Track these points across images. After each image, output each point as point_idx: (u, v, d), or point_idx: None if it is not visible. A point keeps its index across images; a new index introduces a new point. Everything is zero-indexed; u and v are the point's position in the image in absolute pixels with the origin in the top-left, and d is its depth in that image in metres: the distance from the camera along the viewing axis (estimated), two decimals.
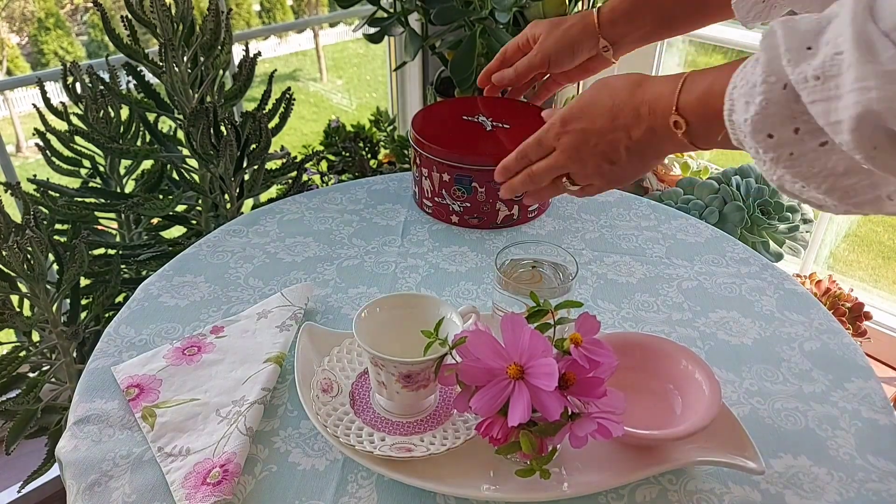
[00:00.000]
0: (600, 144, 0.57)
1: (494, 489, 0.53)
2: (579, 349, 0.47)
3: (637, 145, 0.56)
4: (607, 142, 0.57)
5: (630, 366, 0.59)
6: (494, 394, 0.47)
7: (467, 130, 0.92)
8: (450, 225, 0.93)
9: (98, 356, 0.70)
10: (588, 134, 0.58)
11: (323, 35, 4.94)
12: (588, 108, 0.58)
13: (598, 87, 0.59)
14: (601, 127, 0.57)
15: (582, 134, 0.58)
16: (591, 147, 0.58)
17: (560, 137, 0.60)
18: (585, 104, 0.58)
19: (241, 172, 1.23)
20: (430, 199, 0.93)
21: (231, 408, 0.62)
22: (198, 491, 0.54)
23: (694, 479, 0.57)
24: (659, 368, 0.60)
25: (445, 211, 0.92)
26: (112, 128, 1.16)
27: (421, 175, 0.92)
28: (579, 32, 0.77)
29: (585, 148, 0.58)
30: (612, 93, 0.57)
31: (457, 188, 0.89)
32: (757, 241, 1.40)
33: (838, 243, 1.92)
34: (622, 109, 0.55)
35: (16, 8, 3.92)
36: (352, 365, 0.63)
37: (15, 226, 1.02)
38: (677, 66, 1.98)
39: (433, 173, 0.90)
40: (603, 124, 0.57)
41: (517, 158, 0.65)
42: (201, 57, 1.16)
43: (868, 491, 0.57)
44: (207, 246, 0.88)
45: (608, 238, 0.92)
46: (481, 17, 1.49)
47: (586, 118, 0.58)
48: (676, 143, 0.53)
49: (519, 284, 0.63)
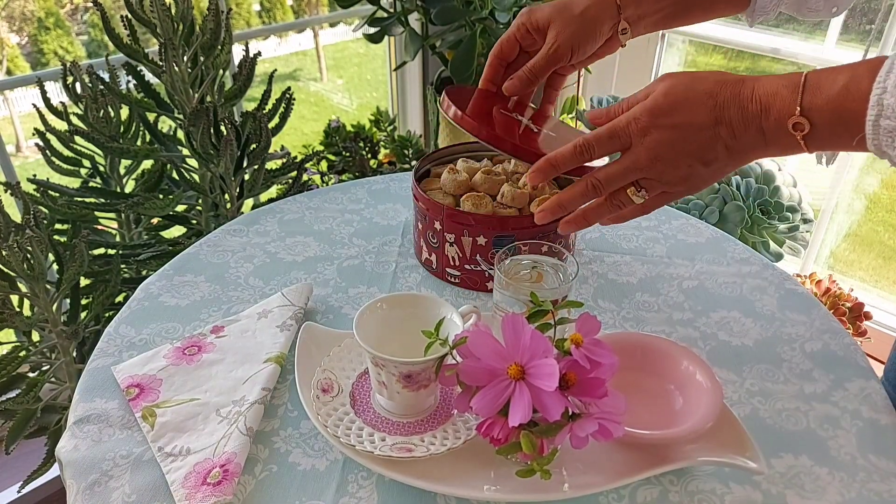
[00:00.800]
0: (697, 142, 0.51)
1: (495, 489, 0.53)
2: (580, 350, 0.47)
3: (740, 145, 0.51)
4: (706, 139, 0.51)
5: (631, 366, 0.59)
6: (495, 394, 0.47)
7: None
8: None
9: (98, 356, 0.70)
10: (685, 130, 0.51)
11: (323, 35, 4.94)
12: (683, 102, 0.51)
13: (684, 81, 0.52)
14: (702, 122, 0.51)
15: (678, 130, 0.51)
16: (685, 145, 0.52)
17: (647, 133, 0.52)
18: (679, 98, 0.51)
19: (241, 172, 1.23)
20: (458, 268, 0.80)
21: (231, 408, 0.62)
22: (198, 491, 0.54)
23: (695, 480, 0.57)
24: (660, 369, 0.60)
25: (480, 279, 0.79)
26: (112, 127, 1.16)
27: (442, 241, 0.78)
28: (599, 13, 0.69)
29: (680, 146, 0.52)
30: (711, 87, 0.51)
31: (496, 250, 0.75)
32: (757, 240, 1.40)
33: (838, 243, 1.92)
34: (727, 106, 0.50)
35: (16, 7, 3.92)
36: (352, 365, 0.63)
37: (15, 225, 1.02)
38: (677, 66, 1.98)
39: (462, 238, 0.77)
40: (704, 120, 0.51)
41: (574, 154, 0.56)
42: (201, 57, 1.16)
43: (869, 491, 0.57)
44: (207, 246, 0.88)
45: (608, 238, 0.91)
46: (481, 16, 1.49)
47: (683, 112, 0.51)
48: (787, 146, 0.49)
49: (519, 284, 0.63)
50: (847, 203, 1.84)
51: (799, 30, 1.74)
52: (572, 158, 0.57)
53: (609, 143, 0.55)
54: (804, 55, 1.68)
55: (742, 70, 1.94)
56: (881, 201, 1.88)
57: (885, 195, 1.86)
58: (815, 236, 1.80)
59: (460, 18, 1.50)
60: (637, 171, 0.54)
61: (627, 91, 1.94)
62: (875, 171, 1.79)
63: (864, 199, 1.85)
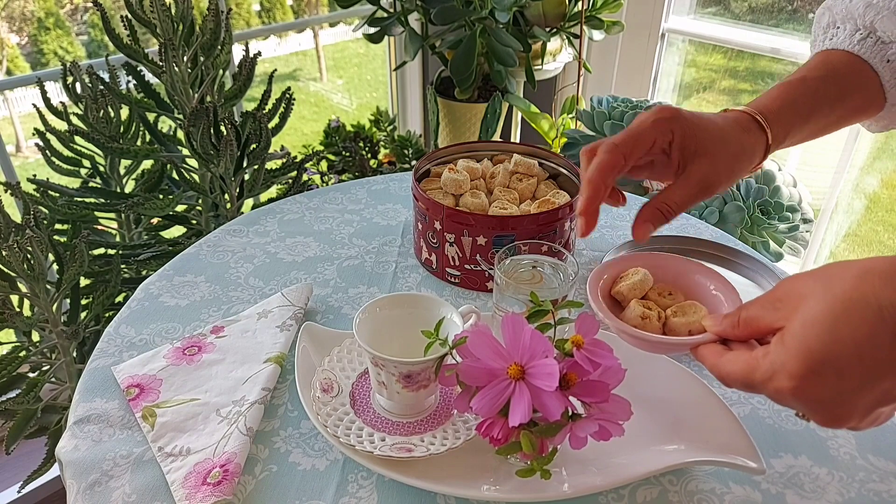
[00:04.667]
0: (867, 398, 0.39)
1: (495, 489, 0.53)
2: (581, 351, 0.47)
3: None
4: (881, 392, 0.39)
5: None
6: (495, 394, 0.47)
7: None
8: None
9: (98, 356, 0.70)
10: (845, 394, 0.39)
11: (323, 35, 4.94)
12: (835, 346, 0.38)
13: (825, 329, 0.39)
14: (862, 382, 0.38)
15: (837, 397, 0.39)
16: (850, 406, 0.39)
17: (796, 399, 0.40)
18: (828, 342, 0.38)
19: (241, 172, 1.23)
20: (458, 268, 0.80)
21: (231, 408, 0.62)
22: (198, 491, 0.54)
23: (694, 480, 0.57)
24: (676, 286, 0.58)
25: (480, 279, 0.80)
26: (112, 128, 1.16)
27: (442, 241, 0.79)
28: (753, 157, 0.58)
29: (841, 405, 0.40)
30: (871, 317, 0.38)
31: (495, 250, 0.75)
32: (757, 240, 1.40)
33: (838, 243, 1.92)
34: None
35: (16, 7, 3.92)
36: (352, 365, 0.63)
37: (15, 226, 1.02)
38: (677, 66, 1.98)
39: (462, 237, 0.77)
40: (868, 375, 0.38)
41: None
42: (201, 57, 1.16)
43: (869, 491, 0.57)
44: (208, 246, 0.88)
45: (608, 238, 0.91)
46: (481, 16, 1.49)
47: (834, 370, 0.38)
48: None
49: (519, 284, 0.63)
50: (847, 203, 1.84)
51: (799, 30, 1.74)
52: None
53: (747, 389, 0.44)
54: (804, 55, 1.68)
55: (742, 70, 1.94)
56: (881, 201, 1.88)
57: (885, 195, 1.86)
58: (814, 236, 1.80)
59: (460, 18, 1.50)
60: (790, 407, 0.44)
61: (627, 91, 1.94)
62: (875, 171, 1.79)
63: (864, 199, 1.85)
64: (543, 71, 1.71)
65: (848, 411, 0.39)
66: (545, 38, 1.58)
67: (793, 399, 0.40)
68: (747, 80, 1.95)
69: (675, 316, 0.54)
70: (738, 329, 0.46)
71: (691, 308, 0.54)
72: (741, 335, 0.46)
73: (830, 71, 0.60)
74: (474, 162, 0.87)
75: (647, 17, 1.83)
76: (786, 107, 0.58)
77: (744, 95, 2.00)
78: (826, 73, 0.60)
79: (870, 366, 0.38)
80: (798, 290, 0.42)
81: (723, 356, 0.45)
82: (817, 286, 0.41)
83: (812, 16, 1.75)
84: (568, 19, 1.62)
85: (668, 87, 2.01)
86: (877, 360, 0.37)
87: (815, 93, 0.59)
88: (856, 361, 0.38)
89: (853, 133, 1.62)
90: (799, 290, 0.42)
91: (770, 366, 0.41)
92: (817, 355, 0.39)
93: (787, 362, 0.40)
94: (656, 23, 1.83)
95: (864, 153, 1.75)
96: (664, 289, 0.58)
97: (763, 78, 1.91)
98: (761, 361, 0.42)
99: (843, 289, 0.39)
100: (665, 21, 1.84)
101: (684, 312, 0.54)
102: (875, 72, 0.59)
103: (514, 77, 1.66)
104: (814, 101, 0.59)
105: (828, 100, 0.59)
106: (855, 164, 1.75)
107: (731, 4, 1.87)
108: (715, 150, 0.56)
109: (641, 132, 0.55)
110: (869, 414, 0.40)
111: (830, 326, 0.38)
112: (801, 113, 0.59)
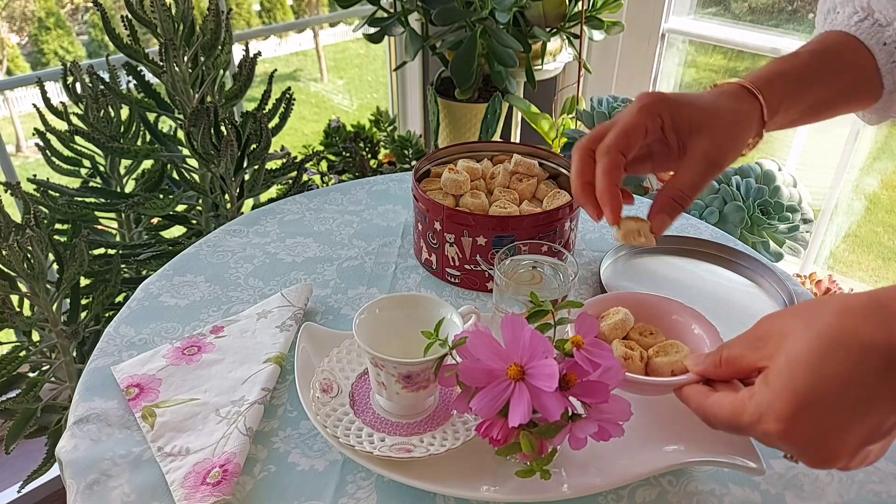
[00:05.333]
0: (855, 436, 0.38)
1: (494, 490, 0.53)
2: (581, 352, 0.47)
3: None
4: (868, 429, 0.38)
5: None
6: (495, 395, 0.47)
7: None
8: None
9: (98, 356, 0.70)
10: (833, 433, 0.38)
11: (323, 35, 4.94)
12: (820, 385, 0.38)
13: (809, 367, 0.38)
14: (849, 420, 0.38)
15: (823, 435, 0.38)
16: (839, 444, 0.39)
17: (783, 441, 0.40)
18: (814, 381, 0.38)
19: (241, 172, 1.23)
20: (458, 268, 0.80)
21: (231, 408, 0.62)
22: (197, 491, 0.54)
23: (694, 480, 0.57)
24: (656, 325, 0.59)
25: (480, 279, 0.80)
26: (112, 128, 1.16)
27: (442, 241, 0.79)
28: (747, 125, 0.57)
29: (830, 444, 0.39)
30: (853, 353, 0.37)
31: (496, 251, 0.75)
32: (757, 241, 1.40)
33: (838, 243, 1.92)
34: (892, 372, 0.37)
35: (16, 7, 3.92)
36: (352, 365, 0.63)
37: (15, 225, 1.02)
38: (677, 66, 1.98)
39: (462, 238, 0.77)
40: (857, 418, 0.38)
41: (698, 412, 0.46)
42: (201, 57, 1.16)
43: (868, 492, 0.57)
44: (207, 246, 0.88)
45: (608, 238, 0.91)
46: (482, 17, 1.49)
47: (821, 409, 0.38)
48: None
49: (519, 285, 0.63)
50: (847, 203, 1.84)
51: (799, 30, 1.74)
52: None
53: (733, 432, 0.44)
54: None
55: (742, 70, 1.94)
56: (881, 202, 1.88)
57: (885, 196, 1.86)
58: (814, 236, 1.80)
59: (460, 19, 1.50)
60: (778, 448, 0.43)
61: (627, 91, 1.94)
62: (875, 171, 1.79)
63: (864, 200, 1.85)
64: (543, 71, 1.71)
65: (836, 450, 0.39)
66: (545, 38, 1.58)
67: (781, 441, 0.40)
68: None
69: (657, 356, 0.54)
70: (720, 369, 0.46)
71: (673, 347, 0.55)
72: (723, 375, 0.46)
73: (824, 47, 0.60)
74: (474, 162, 0.87)
75: (647, 17, 1.83)
76: (777, 76, 0.58)
77: None
78: (820, 48, 0.60)
79: (856, 402, 0.37)
80: (779, 328, 0.42)
81: (708, 398, 0.45)
82: (798, 323, 0.40)
83: (812, 16, 1.75)
84: (568, 19, 1.62)
85: (668, 88, 2.01)
86: (862, 397, 0.37)
87: (807, 65, 0.59)
88: (842, 399, 0.37)
89: (853, 133, 1.62)
90: (780, 328, 0.42)
91: (756, 408, 0.40)
92: (804, 395, 0.38)
93: (773, 403, 0.39)
94: (656, 23, 1.83)
95: (864, 154, 1.75)
96: (645, 328, 0.58)
97: None
98: (748, 403, 0.41)
99: (825, 326, 0.39)
100: (665, 21, 1.84)
101: (666, 352, 0.54)
102: (871, 55, 0.59)
103: (514, 77, 1.66)
104: (806, 71, 0.59)
105: (821, 73, 0.59)
106: (855, 164, 1.75)
107: (731, 5, 1.87)
108: (710, 123, 0.55)
109: (630, 124, 0.54)
110: (858, 452, 0.39)
111: (815, 365, 0.38)
112: (793, 81, 0.58)
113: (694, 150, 0.55)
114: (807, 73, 0.59)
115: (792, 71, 0.58)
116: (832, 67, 0.59)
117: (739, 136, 0.56)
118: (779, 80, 0.58)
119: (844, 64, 0.59)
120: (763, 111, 0.56)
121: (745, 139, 0.57)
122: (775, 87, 0.57)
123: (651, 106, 0.55)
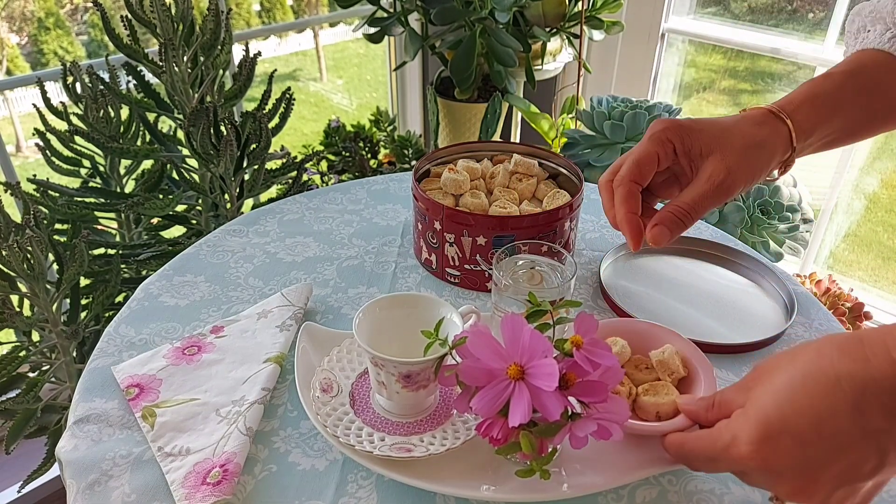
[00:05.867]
0: (831, 471, 0.38)
1: (494, 489, 0.53)
2: (581, 351, 0.47)
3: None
4: (847, 466, 0.38)
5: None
6: (495, 394, 0.47)
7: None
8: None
9: (98, 356, 0.70)
10: (808, 465, 0.39)
11: (323, 35, 4.94)
12: (792, 414, 0.39)
13: (796, 375, 0.40)
14: (824, 453, 0.38)
15: (798, 468, 0.39)
16: (814, 478, 0.39)
17: (755, 466, 0.41)
18: (786, 410, 0.39)
19: (241, 172, 1.23)
20: (458, 268, 0.80)
21: (231, 408, 0.62)
22: (197, 491, 0.54)
23: (694, 480, 0.57)
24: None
25: (480, 279, 0.80)
26: (112, 127, 1.16)
27: (442, 241, 0.79)
28: (773, 151, 0.57)
29: (804, 476, 0.39)
30: (827, 385, 0.38)
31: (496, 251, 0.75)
32: (757, 241, 1.40)
33: (838, 243, 1.92)
34: (867, 406, 0.37)
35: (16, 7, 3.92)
36: (352, 365, 0.63)
37: (15, 225, 1.02)
38: (677, 66, 1.98)
39: (462, 238, 0.77)
40: (836, 441, 0.38)
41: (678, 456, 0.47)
42: (201, 57, 1.16)
43: None
44: (207, 246, 0.88)
45: (608, 238, 0.91)
46: (481, 17, 1.49)
47: (793, 438, 0.38)
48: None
49: (518, 285, 0.63)
50: (847, 203, 1.84)
51: (799, 30, 1.74)
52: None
53: (710, 466, 0.46)
54: (804, 55, 1.68)
55: (742, 70, 1.94)
56: (881, 201, 1.88)
57: (885, 195, 1.86)
58: (814, 236, 1.80)
59: (460, 19, 1.50)
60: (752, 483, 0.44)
61: (627, 91, 1.94)
62: (875, 171, 1.80)
63: (864, 200, 1.85)
64: (543, 71, 1.71)
65: (812, 484, 0.39)
66: (545, 38, 1.58)
67: (752, 466, 0.40)
68: (747, 80, 1.95)
69: (645, 394, 0.54)
70: (710, 412, 0.47)
71: (663, 389, 0.55)
72: (713, 418, 0.47)
73: (858, 66, 0.59)
74: (474, 162, 0.87)
75: (646, 17, 1.83)
76: (808, 99, 0.58)
77: (744, 95, 2.01)
78: (853, 68, 0.59)
79: (830, 436, 0.38)
80: (767, 367, 0.43)
81: (687, 436, 0.47)
82: (783, 361, 0.42)
83: (812, 16, 1.75)
84: (568, 19, 1.62)
85: (667, 88, 2.01)
86: (836, 430, 0.37)
87: (840, 86, 0.59)
88: (815, 431, 0.38)
89: None
90: (767, 367, 0.43)
91: (730, 433, 0.42)
92: (775, 422, 0.39)
93: (744, 427, 0.41)
94: (656, 23, 1.83)
95: (864, 153, 1.75)
96: (641, 361, 0.58)
97: (763, 78, 1.91)
98: (723, 431, 0.43)
99: (805, 361, 0.40)
100: (665, 21, 1.84)
101: (656, 392, 0.55)
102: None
103: (513, 77, 1.66)
104: (839, 93, 0.58)
105: (855, 93, 0.59)
106: (855, 164, 1.75)
107: (731, 4, 1.87)
108: (720, 147, 0.56)
109: (641, 154, 0.58)
110: (837, 490, 0.39)
111: (789, 396, 0.39)
112: (825, 103, 0.58)
113: (701, 171, 0.57)
114: (841, 94, 0.58)
115: (824, 92, 0.58)
116: (867, 88, 0.59)
117: (755, 160, 0.56)
118: (811, 103, 0.58)
119: (879, 82, 0.59)
120: (791, 135, 0.57)
121: (765, 163, 0.57)
122: (806, 109, 0.57)
123: (661, 133, 0.57)
